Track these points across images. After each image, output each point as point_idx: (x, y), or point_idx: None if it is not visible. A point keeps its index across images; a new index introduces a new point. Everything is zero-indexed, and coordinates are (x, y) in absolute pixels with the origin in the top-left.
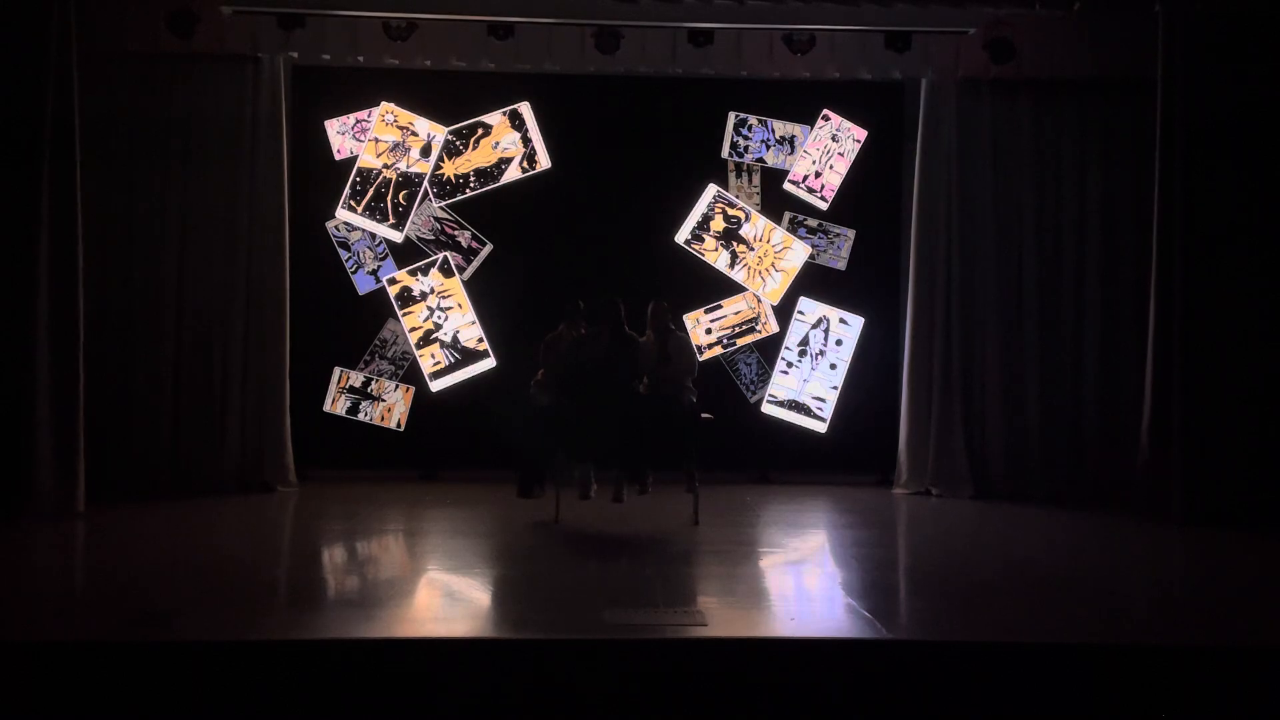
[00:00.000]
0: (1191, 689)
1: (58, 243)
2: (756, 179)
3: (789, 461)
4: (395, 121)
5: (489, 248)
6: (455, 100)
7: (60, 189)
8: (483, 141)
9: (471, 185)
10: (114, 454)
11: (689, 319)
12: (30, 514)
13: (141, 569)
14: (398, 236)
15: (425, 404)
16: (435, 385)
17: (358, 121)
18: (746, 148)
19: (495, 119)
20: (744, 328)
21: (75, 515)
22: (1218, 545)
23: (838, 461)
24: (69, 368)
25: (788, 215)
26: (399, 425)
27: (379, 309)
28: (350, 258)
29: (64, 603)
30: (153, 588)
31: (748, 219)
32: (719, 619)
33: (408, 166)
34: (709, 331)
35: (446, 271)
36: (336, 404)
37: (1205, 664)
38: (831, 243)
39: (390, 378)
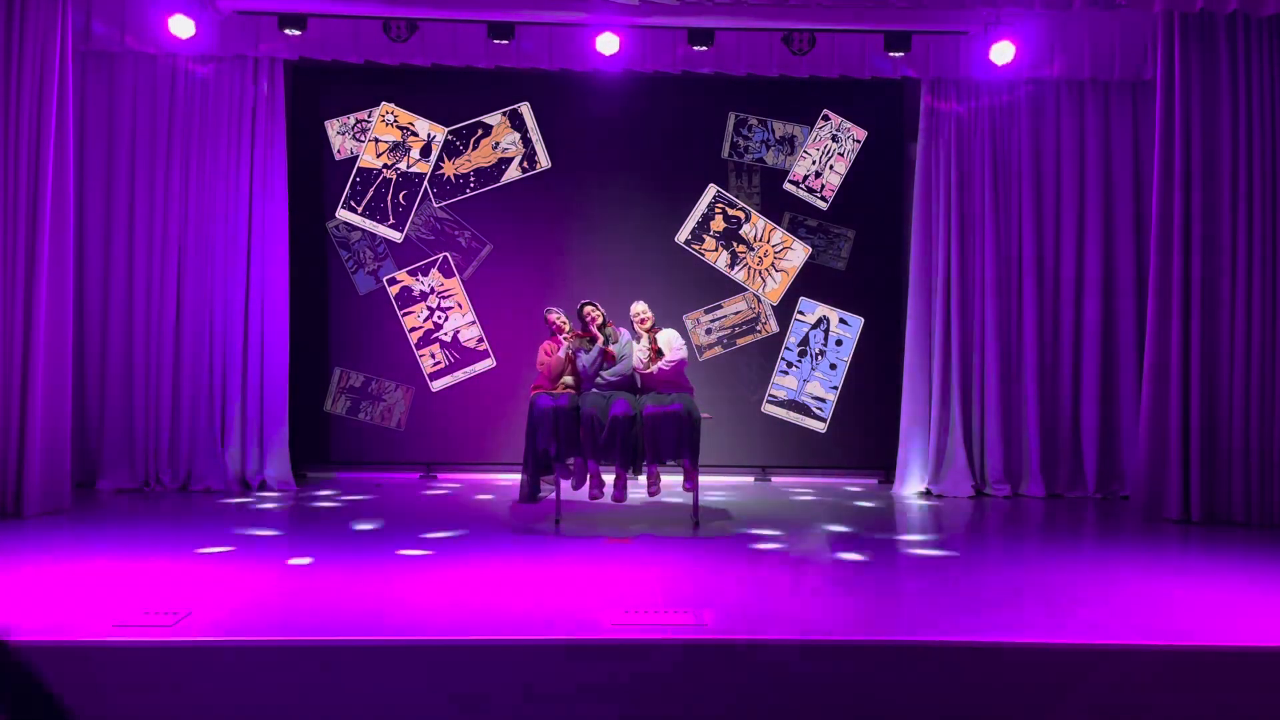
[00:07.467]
0: (1191, 689)
1: (56, 242)
2: (756, 179)
3: (789, 461)
4: (395, 121)
5: (489, 248)
6: (455, 100)
7: (60, 188)
8: (483, 141)
9: (471, 185)
10: (114, 453)
11: (689, 319)
12: (25, 514)
13: (138, 569)
14: (398, 236)
15: (425, 404)
16: (435, 385)
17: (358, 121)
18: (746, 148)
19: (495, 119)
20: (744, 328)
21: (70, 515)
22: (1217, 545)
23: (838, 461)
24: (63, 366)
25: (788, 215)
26: (399, 425)
27: (379, 309)
28: (350, 258)
29: (60, 603)
30: (149, 588)
31: (748, 219)
32: (718, 620)
33: (408, 166)
34: (709, 331)
35: (446, 271)
36: (337, 404)
37: (1205, 664)
38: (831, 243)
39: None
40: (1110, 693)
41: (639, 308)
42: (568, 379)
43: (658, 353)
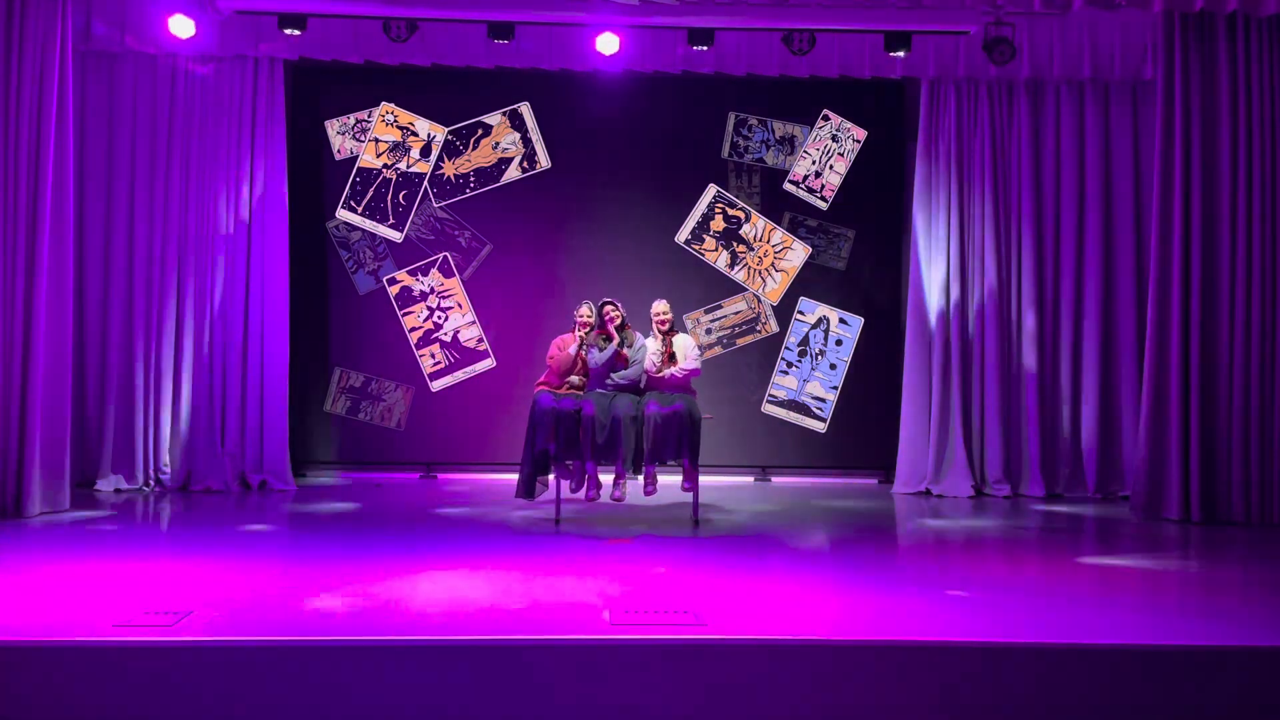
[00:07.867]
0: (1191, 689)
1: (56, 242)
2: (756, 179)
3: (789, 461)
4: (395, 121)
5: (489, 248)
6: (455, 100)
7: (60, 188)
8: (483, 141)
9: (471, 185)
10: (114, 453)
11: (689, 319)
12: (25, 514)
13: (138, 569)
14: (398, 236)
15: (425, 404)
16: (435, 385)
17: (358, 121)
18: (746, 148)
19: (495, 119)
20: (744, 328)
21: (70, 515)
22: (1217, 545)
23: (838, 461)
24: (63, 366)
25: (788, 215)
26: (399, 425)
27: (379, 309)
28: (350, 258)
29: (60, 603)
30: (149, 588)
31: (748, 219)
32: (718, 620)
33: (408, 166)
34: (709, 331)
35: (446, 271)
36: (336, 404)
37: (1204, 664)
38: (831, 243)
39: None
40: (1109, 693)
41: (660, 307)
42: (574, 379)
43: (671, 356)
